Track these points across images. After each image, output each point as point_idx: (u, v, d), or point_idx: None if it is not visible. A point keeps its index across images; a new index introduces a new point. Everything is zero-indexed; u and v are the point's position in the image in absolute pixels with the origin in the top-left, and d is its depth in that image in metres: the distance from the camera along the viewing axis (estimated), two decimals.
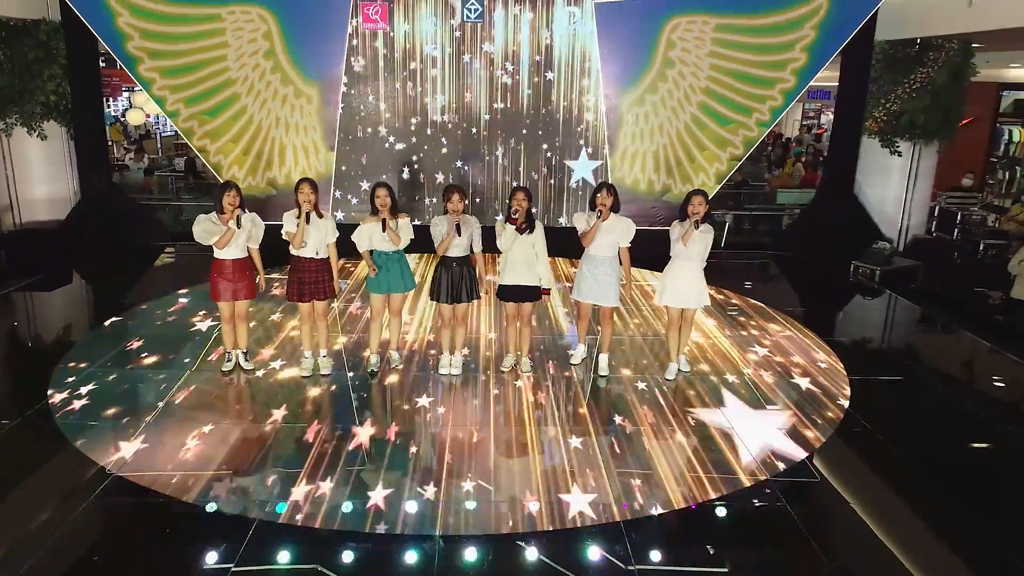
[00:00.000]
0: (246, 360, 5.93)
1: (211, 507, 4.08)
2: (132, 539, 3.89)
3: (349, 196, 9.93)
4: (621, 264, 5.80)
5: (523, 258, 5.60)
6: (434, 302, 5.79)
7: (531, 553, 3.77)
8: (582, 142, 9.89)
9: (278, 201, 9.62)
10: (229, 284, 5.53)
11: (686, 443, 4.94)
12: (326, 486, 4.31)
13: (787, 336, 7.16)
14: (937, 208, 10.40)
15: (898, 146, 10.08)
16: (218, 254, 5.49)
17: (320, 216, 5.49)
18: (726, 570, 3.67)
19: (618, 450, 4.81)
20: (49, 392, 5.52)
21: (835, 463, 4.80)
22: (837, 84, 10.35)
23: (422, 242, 6.02)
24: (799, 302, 8.84)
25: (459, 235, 5.44)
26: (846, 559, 3.80)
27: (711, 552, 3.78)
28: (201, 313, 7.35)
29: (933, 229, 10.36)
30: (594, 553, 3.79)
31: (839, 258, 9.74)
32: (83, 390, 5.53)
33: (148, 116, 15.63)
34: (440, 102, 9.75)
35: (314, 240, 5.47)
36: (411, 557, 3.71)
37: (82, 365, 6.01)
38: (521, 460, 4.67)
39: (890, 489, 4.54)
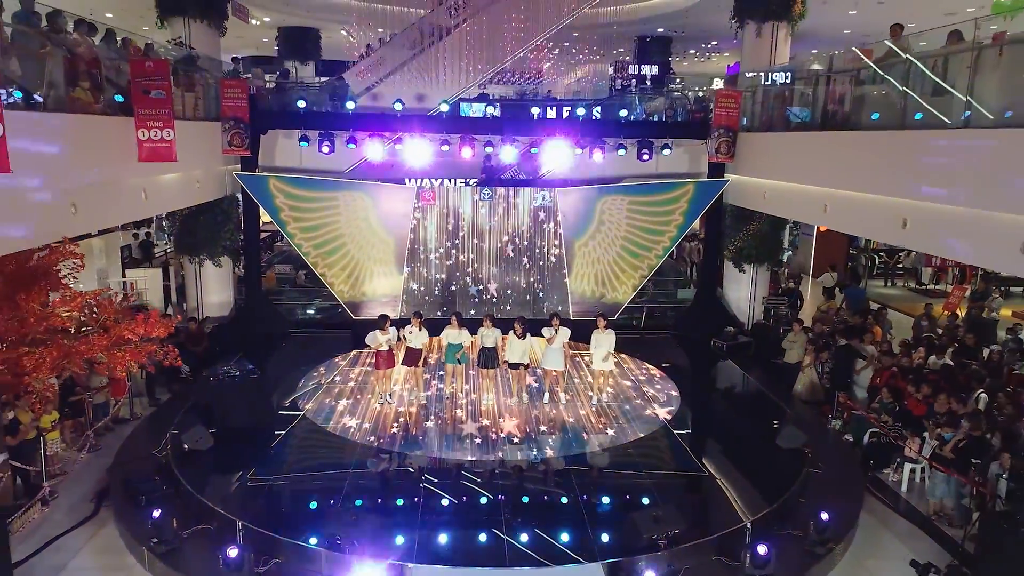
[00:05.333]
0: (389, 398, 12.12)
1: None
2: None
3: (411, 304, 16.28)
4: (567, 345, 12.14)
5: (522, 349, 11.96)
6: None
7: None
8: (553, 263, 16.36)
9: (365, 303, 15.90)
10: (383, 360, 11.76)
11: (594, 420, 11.26)
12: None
13: (656, 377, 13.53)
14: (763, 305, 16.99)
15: (743, 268, 16.65)
16: (381, 349, 11.72)
17: (419, 329, 11.82)
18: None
19: (558, 429, 11.09)
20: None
21: (678, 427, 11.15)
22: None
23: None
24: (674, 361, 15.10)
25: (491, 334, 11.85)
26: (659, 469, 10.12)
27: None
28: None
29: (764, 318, 16.89)
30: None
31: (705, 337, 16.16)
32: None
33: None
34: (471, 245, 16.18)
35: (419, 339, 11.77)
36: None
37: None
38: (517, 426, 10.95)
39: (703, 431, 10.95)
